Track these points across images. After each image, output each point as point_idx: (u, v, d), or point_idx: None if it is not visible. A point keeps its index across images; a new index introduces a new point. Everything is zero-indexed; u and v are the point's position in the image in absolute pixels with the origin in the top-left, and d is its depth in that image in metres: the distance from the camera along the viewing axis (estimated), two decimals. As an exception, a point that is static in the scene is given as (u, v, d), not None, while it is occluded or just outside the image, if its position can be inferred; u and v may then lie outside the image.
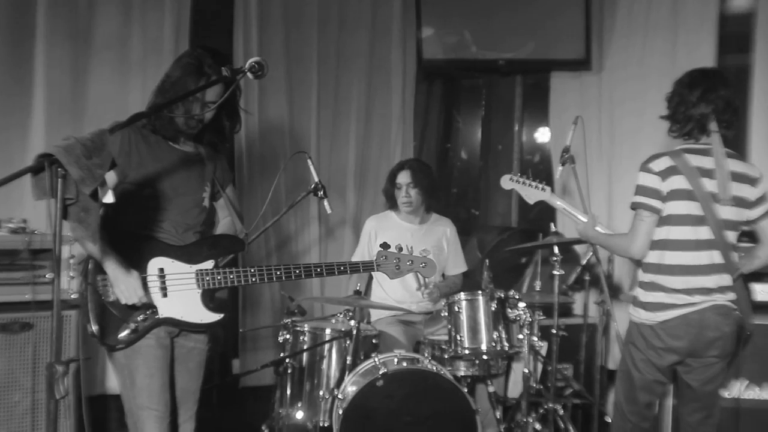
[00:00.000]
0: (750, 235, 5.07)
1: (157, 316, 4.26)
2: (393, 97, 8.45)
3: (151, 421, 4.23)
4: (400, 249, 4.83)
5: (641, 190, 4.78)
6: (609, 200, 7.82)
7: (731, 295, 4.77)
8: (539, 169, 9.06)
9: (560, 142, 6.77)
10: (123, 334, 4.20)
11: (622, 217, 7.64)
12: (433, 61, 8.38)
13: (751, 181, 4.78)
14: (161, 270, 4.29)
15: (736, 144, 6.92)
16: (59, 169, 3.04)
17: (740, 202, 4.73)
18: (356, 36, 8.21)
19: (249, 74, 3.89)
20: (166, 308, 4.28)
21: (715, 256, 4.72)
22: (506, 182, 5.55)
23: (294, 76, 7.79)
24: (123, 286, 4.13)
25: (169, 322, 4.32)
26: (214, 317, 4.40)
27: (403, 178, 6.83)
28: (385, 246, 4.84)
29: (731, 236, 4.76)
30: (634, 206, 4.81)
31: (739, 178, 4.74)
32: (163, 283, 4.28)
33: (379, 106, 8.40)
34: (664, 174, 4.71)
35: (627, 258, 5.30)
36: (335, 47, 8.08)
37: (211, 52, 4.32)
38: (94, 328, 4.17)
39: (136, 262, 4.20)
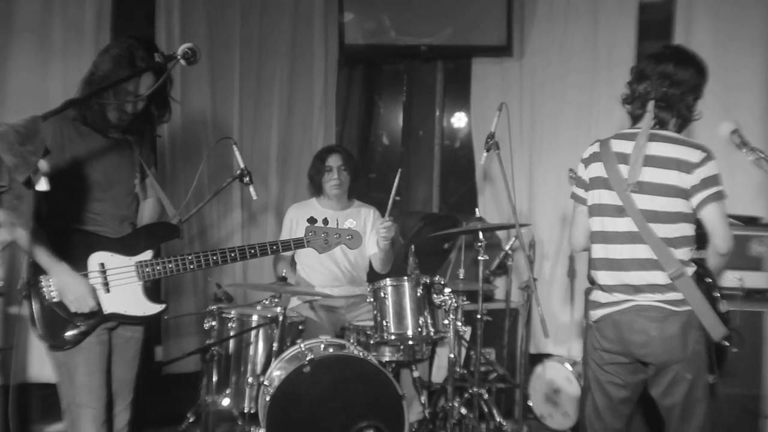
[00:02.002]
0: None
1: (102, 313, 4.22)
2: (315, 83, 8.44)
3: (89, 419, 4.20)
4: (326, 222, 4.86)
5: (575, 179, 4.64)
6: (530, 184, 7.92)
7: (672, 295, 4.27)
8: (460, 155, 9.14)
9: (481, 128, 6.83)
10: (69, 333, 4.16)
11: (543, 200, 7.76)
12: (355, 46, 8.39)
13: (685, 166, 4.22)
14: (102, 265, 4.25)
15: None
16: (-9, 156, 2.99)
17: (663, 190, 4.27)
18: (279, 22, 8.16)
19: (182, 61, 3.85)
20: (110, 304, 4.25)
21: (639, 251, 4.32)
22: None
23: (216, 63, 7.73)
24: (72, 296, 4.10)
25: (114, 317, 4.29)
26: (156, 308, 4.41)
27: (334, 161, 6.80)
28: (312, 221, 4.87)
29: (665, 229, 4.28)
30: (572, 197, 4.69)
31: (663, 163, 4.26)
32: (105, 278, 4.25)
33: (301, 92, 8.38)
34: (587, 161, 4.53)
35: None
36: (258, 33, 8.02)
37: (143, 42, 4.24)
38: (40, 331, 4.13)
39: (76, 258, 4.16)
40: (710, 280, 4.46)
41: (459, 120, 9.28)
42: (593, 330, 4.56)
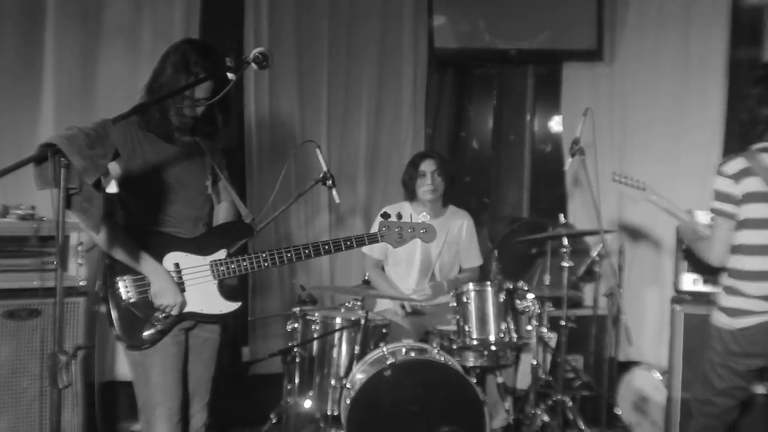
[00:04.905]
0: None
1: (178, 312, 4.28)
2: (404, 86, 8.40)
3: (164, 418, 4.24)
4: (400, 217, 4.81)
5: (716, 195, 4.67)
6: (620, 193, 7.78)
7: None
8: (551, 159, 9.05)
9: (571, 133, 6.75)
10: (147, 333, 4.20)
11: (632, 210, 7.63)
12: (445, 50, 8.35)
13: None
14: (176, 265, 4.28)
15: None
16: (62, 159, 3.03)
17: None
18: (367, 24, 8.15)
19: (253, 65, 3.86)
20: (186, 303, 4.29)
21: None
22: (611, 180, 5.52)
23: (304, 65, 7.75)
24: (171, 299, 4.18)
25: (190, 316, 4.33)
26: (232, 306, 4.41)
27: (428, 165, 6.79)
28: (385, 216, 4.82)
29: None
30: (711, 212, 4.73)
31: None
32: (180, 278, 4.28)
33: (390, 95, 8.36)
34: (738, 176, 4.58)
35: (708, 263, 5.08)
36: (346, 35, 8.03)
37: (198, 47, 4.27)
38: (118, 331, 4.18)
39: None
40: None
41: (549, 124, 9.21)
42: (732, 335, 4.67)
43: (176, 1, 6.88)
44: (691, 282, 6.21)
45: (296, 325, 6.07)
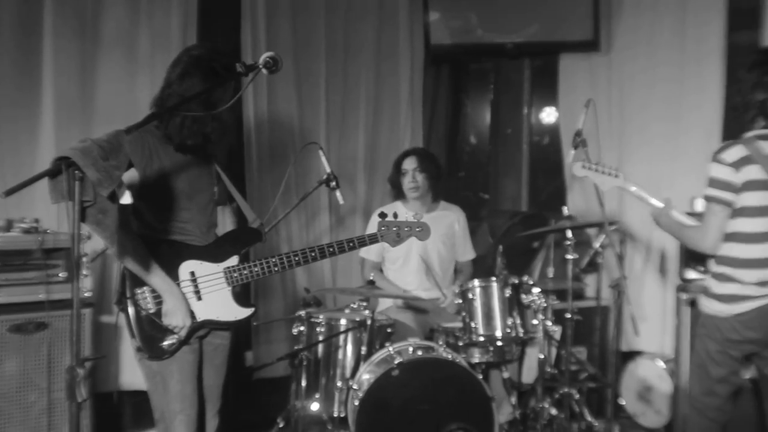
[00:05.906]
0: None
1: (195, 321, 4.26)
2: (401, 84, 8.38)
3: (183, 427, 4.24)
4: (396, 216, 4.84)
5: (713, 182, 4.62)
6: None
7: None
8: (549, 152, 9.03)
9: (569, 124, 6.75)
10: (167, 343, 4.20)
11: (633, 200, 7.61)
12: (441, 46, 8.32)
13: None
14: (192, 273, 4.28)
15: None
16: (76, 172, 3.02)
17: None
18: (363, 23, 8.11)
19: (263, 70, 3.86)
20: (202, 311, 4.28)
21: None
22: (578, 170, 5.39)
23: (302, 66, 7.71)
24: (180, 320, 4.17)
25: (208, 324, 4.33)
26: (246, 312, 4.42)
27: (409, 163, 6.84)
28: (382, 216, 4.85)
29: None
30: (706, 199, 4.68)
31: None
32: (196, 286, 4.28)
33: (387, 94, 8.33)
34: (738, 164, 4.55)
35: (698, 251, 5.05)
36: (343, 35, 7.99)
37: (212, 51, 4.29)
38: (140, 342, 4.18)
39: (167, 268, 4.18)
40: None
41: (547, 116, 9.19)
42: (728, 322, 4.68)
43: (173, 8, 6.83)
44: (696, 270, 6.21)
45: (302, 328, 6.06)
